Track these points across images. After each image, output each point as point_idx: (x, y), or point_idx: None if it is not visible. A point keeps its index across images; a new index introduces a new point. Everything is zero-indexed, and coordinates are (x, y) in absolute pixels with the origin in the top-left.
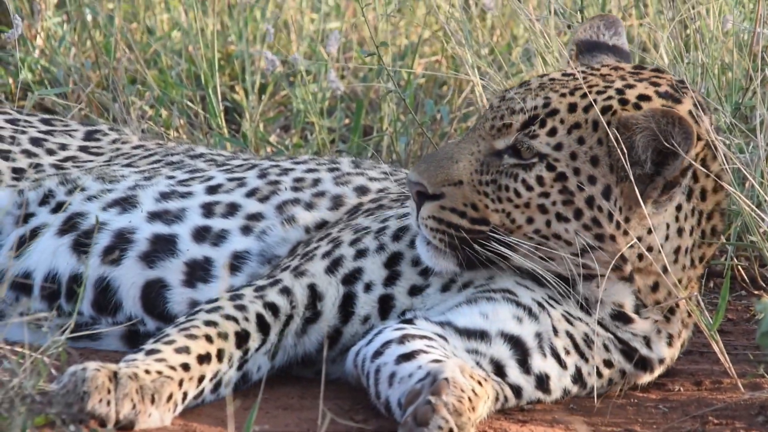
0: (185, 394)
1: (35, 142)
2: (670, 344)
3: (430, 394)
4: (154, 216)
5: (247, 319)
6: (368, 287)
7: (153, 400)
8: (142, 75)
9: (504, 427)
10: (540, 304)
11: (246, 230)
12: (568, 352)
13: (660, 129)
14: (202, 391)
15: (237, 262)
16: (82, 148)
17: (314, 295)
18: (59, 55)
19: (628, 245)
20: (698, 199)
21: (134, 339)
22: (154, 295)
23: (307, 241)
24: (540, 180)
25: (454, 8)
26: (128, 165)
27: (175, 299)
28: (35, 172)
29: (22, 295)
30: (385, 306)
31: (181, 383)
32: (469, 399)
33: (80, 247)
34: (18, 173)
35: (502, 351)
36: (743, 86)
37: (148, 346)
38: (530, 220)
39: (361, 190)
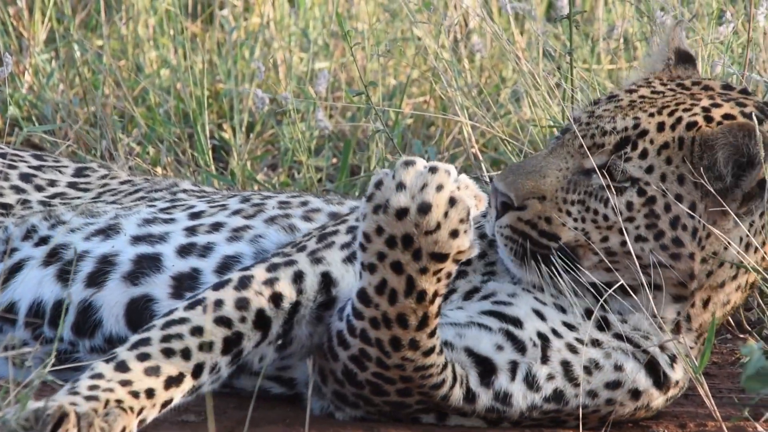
0: (143, 421)
1: (25, 177)
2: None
3: None
4: (137, 239)
5: (243, 320)
6: None
7: None
8: (130, 112)
9: None
10: (542, 337)
11: (234, 239)
12: (551, 378)
13: (738, 142)
14: (169, 404)
15: (230, 261)
16: (71, 185)
17: (328, 281)
18: (47, 91)
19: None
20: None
21: None
22: (140, 309)
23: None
24: (630, 205)
25: (444, 49)
26: (113, 202)
27: (164, 311)
28: (22, 208)
29: (6, 326)
30: None
31: (141, 411)
32: None
33: (65, 275)
34: (5, 209)
35: (464, 360)
36: None
37: (122, 353)
38: (605, 239)
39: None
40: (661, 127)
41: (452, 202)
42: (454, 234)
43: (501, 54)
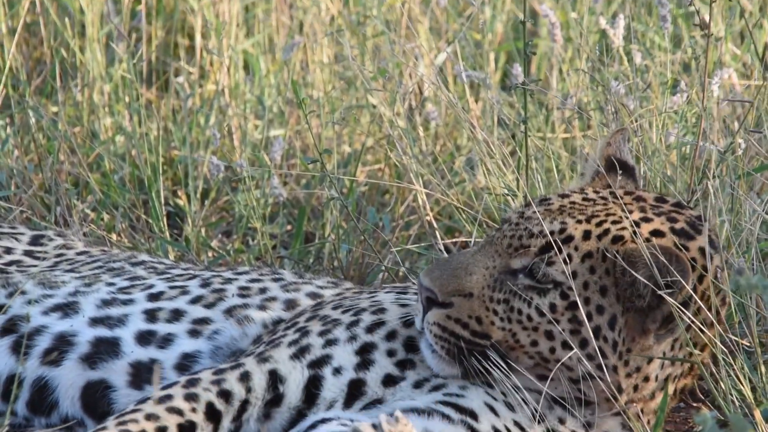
0: None
1: None
2: None
3: None
4: (96, 321)
5: (194, 410)
6: (337, 371)
7: None
8: (85, 178)
9: None
10: None
11: (194, 333)
12: None
13: (658, 264)
14: None
15: (187, 361)
16: (27, 253)
17: (275, 378)
18: (2, 158)
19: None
20: (696, 332)
21: None
22: (97, 396)
23: (272, 329)
24: (553, 307)
25: (398, 117)
26: (71, 270)
27: (121, 400)
28: None
29: None
30: (355, 392)
31: None
32: None
33: (20, 348)
34: None
35: None
36: (685, 199)
37: None
38: (534, 343)
39: (314, 296)
40: (587, 235)
41: None
42: None
43: (456, 122)
